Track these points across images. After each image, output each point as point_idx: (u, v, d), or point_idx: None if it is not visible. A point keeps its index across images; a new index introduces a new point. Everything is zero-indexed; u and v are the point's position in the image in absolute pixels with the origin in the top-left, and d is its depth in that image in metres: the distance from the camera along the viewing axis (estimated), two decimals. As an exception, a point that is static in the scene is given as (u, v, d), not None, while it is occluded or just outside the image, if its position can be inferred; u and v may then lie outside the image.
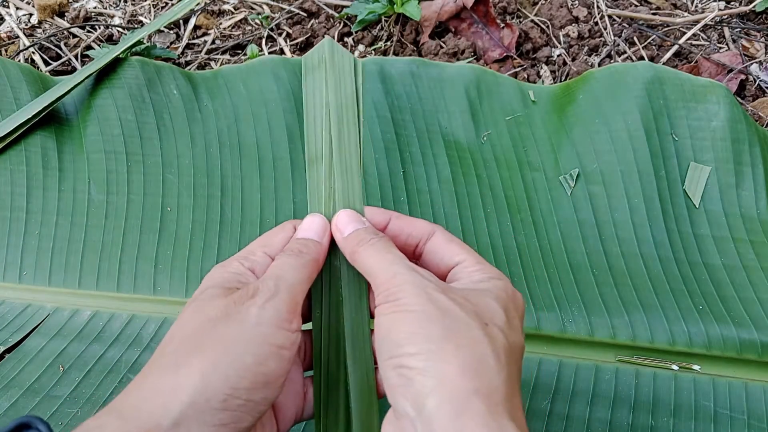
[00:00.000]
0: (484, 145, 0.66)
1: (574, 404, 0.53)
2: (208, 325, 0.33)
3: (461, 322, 0.32)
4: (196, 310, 0.35)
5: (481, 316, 0.33)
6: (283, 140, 0.66)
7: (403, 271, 0.35)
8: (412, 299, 0.33)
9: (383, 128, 0.66)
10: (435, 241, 0.39)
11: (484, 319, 0.33)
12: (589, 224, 0.62)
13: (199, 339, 0.33)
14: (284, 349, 0.33)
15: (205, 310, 0.34)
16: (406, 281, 0.34)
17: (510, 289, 0.36)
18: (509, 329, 0.34)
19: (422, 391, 0.29)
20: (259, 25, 0.92)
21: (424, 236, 0.40)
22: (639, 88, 0.65)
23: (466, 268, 0.37)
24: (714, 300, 0.57)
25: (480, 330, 0.32)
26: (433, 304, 0.32)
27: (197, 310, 0.35)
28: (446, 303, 0.32)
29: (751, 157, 0.63)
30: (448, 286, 0.35)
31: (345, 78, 0.41)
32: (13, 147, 0.66)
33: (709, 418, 0.52)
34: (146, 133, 0.67)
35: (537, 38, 0.86)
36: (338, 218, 0.40)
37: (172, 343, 0.34)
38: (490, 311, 0.34)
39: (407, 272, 0.34)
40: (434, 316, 0.32)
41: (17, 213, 0.64)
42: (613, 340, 0.56)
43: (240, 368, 0.32)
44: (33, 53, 0.87)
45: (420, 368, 0.30)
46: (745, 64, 0.82)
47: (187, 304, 0.36)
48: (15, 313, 0.60)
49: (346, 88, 0.40)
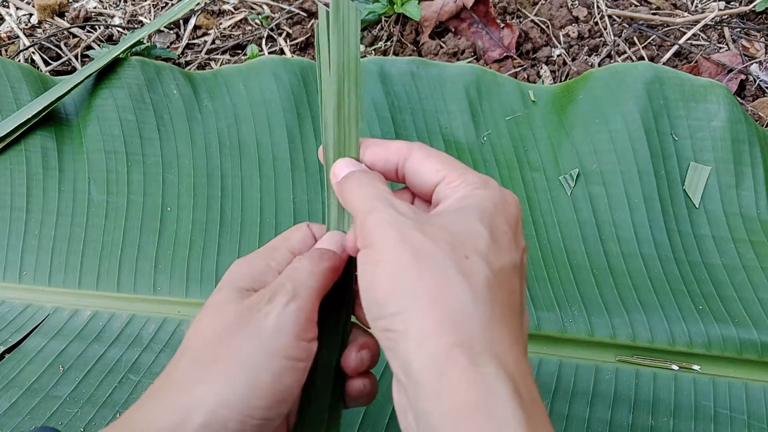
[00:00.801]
0: (484, 145, 0.66)
1: (574, 404, 0.53)
2: (224, 334, 0.33)
3: (436, 263, 0.29)
4: (213, 316, 0.34)
5: (460, 248, 0.30)
6: (283, 140, 0.66)
7: (379, 206, 0.32)
8: (386, 243, 0.30)
9: (383, 128, 0.66)
10: (413, 160, 0.36)
11: (464, 250, 0.30)
12: (589, 224, 0.62)
13: (215, 351, 0.32)
14: (301, 361, 0.32)
15: (222, 316, 0.33)
16: (380, 220, 0.31)
17: (497, 197, 0.33)
18: (496, 251, 0.31)
19: (406, 356, 0.28)
20: (259, 25, 0.92)
21: (401, 158, 0.36)
22: (639, 88, 0.65)
23: (449, 185, 0.34)
24: (714, 300, 0.57)
25: (456, 269, 0.29)
26: (406, 247, 0.30)
27: (214, 315, 0.34)
28: (421, 242, 0.30)
29: (751, 157, 0.63)
30: (427, 217, 0.32)
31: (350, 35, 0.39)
32: (13, 147, 0.66)
33: (709, 418, 0.52)
34: (146, 133, 0.67)
35: (537, 38, 0.86)
36: (335, 166, 0.38)
37: (188, 353, 0.33)
38: (472, 236, 0.31)
39: (384, 209, 0.32)
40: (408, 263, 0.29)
41: (17, 213, 0.64)
42: (613, 340, 0.56)
43: (257, 387, 0.31)
44: (33, 53, 0.87)
45: (401, 330, 0.28)
46: (745, 64, 0.82)
47: (204, 306, 0.35)
48: (15, 313, 0.60)
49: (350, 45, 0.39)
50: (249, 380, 0.31)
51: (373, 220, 0.31)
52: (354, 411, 0.52)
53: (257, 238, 0.62)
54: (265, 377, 0.31)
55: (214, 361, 0.32)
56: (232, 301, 0.34)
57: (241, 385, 0.31)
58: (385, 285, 0.30)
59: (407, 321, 0.28)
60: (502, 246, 0.31)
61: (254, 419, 0.31)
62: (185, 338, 0.34)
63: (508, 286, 0.31)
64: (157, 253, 0.62)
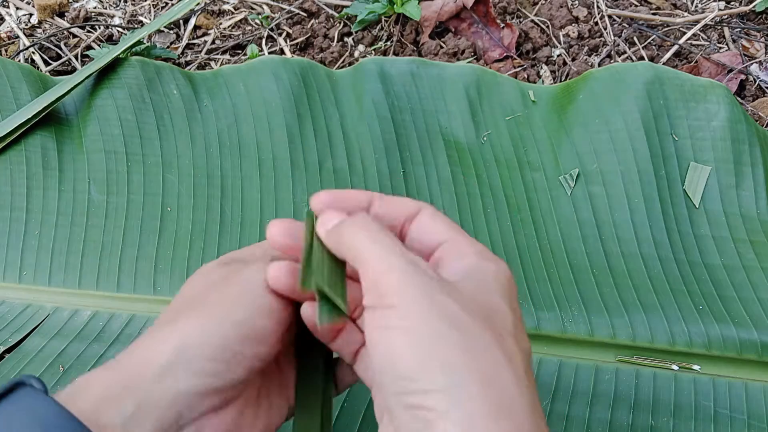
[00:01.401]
0: (484, 145, 0.66)
1: (574, 404, 0.53)
2: (204, 288, 0.35)
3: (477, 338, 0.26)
4: (198, 276, 0.36)
5: (493, 324, 0.28)
6: (283, 140, 0.66)
7: (399, 263, 0.28)
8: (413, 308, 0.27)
9: (383, 128, 0.66)
10: (419, 220, 0.34)
11: (497, 327, 0.28)
12: (589, 224, 0.62)
13: (195, 298, 0.34)
14: (274, 310, 0.33)
15: (206, 276, 0.36)
16: (403, 281, 0.28)
17: (509, 274, 0.31)
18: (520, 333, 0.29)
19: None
20: (259, 25, 0.92)
21: (409, 216, 0.34)
22: (639, 88, 0.65)
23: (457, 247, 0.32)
24: (714, 300, 0.57)
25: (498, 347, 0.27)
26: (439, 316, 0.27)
27: (199, 276, 0.36)
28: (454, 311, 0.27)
29: (751, 157, 0.63)
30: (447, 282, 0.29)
31: None
32: (13, 147, 0.66)
33: (709, 418, 0.52)
34: (146, 133, 0.67)
35: (537, 38, 0.86)
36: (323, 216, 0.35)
37: (172, 305, 0.35)
38: (500, 314, 0.29)
39: (406, 266, 0.28)
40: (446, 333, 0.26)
41: (17, 213, 0.64)
42: (613, 340, 0.56)
43: (229, 323, 0.32)
44: (33, 53, 0.87)
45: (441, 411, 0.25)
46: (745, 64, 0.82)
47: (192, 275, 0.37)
48: (15, 313, 0.60)
49: None
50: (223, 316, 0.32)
51: (395, 279, 0.28)
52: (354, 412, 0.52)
53: (257, 238, 0.62)
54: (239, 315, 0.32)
55: (192, 304, 0.34)
56: (218, 266, 0.36)
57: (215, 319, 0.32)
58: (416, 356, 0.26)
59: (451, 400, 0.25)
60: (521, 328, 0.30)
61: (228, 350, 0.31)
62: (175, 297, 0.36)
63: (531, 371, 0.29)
64: (157, 253, 0.62)
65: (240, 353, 0.32)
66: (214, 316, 0.32)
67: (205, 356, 0.31)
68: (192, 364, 0.30)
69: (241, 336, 0.32)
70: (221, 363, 0.31)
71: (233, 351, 0.31)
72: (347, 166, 0.65)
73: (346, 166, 0.65)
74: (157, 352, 0.31)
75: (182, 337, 0.31)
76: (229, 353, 0.31)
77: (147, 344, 0.32)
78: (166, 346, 0.31)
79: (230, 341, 0.31)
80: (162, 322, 0.34)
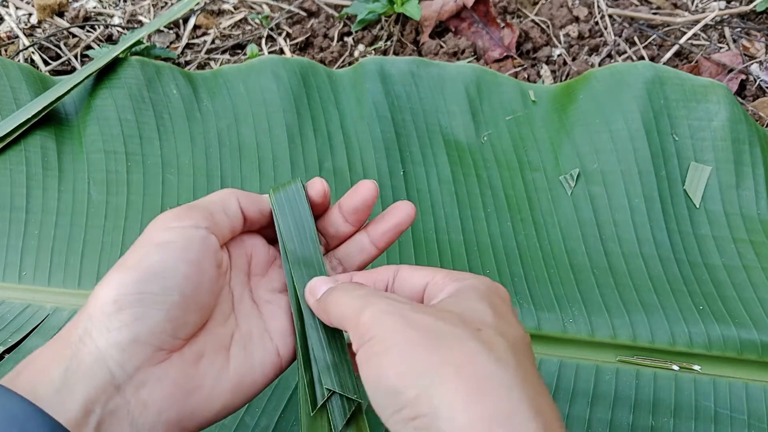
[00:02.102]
0: (484, 145, 0.66)
1: (574, 404, 0.53)
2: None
3: (450, 336, 0.28)
4: None
5: (469, 322, 0.29)
6: (283, 140, 0.66)
7: (372, 300, 0.30)
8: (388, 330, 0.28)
9: (383, 128, 0.66)
10: (401, 275, 0.36)
11: (473, 323, 0.29)
12: (590, 224, 0.62)
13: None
14: (170, 242, 0.33)
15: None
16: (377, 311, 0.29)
17: (489, 282, 0.33)
18: (504, 324, 0.30)
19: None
20: (258, 24, 0.92)
21: (390, 277, 0.36)
22: (639, 87, 0.65)
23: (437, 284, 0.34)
24: (714, 300, 0.57)
25: (474, 339, 0.28)
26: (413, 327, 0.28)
27: None
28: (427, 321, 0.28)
29: (752, 157, 0.63)
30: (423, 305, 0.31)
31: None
32: (13, 147, 0.66)
33: (709, 418, 0.52)
34: (146, 133, 0.67)
35: (537, 38, 0.86)
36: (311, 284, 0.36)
37: None
38: (477, 313, 0.30)
39: (377, 300, 0.30)
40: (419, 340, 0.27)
41: (17, 213, 0.64)
42: (613, 340, 0.56)
43: (122, 273, 0.32)
44: (33, 53, 0.86)
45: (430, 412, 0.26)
46: (745, 64, 0.82)
47: None
48: (15, 313, 0.60)
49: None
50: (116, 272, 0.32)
51: (369, 313, 0.30)
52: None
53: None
54: (129, 262, 0.32)
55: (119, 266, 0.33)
56: None
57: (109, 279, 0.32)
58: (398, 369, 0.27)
59: (433, 398, 0.26)
60: (508, 321, 0.31)
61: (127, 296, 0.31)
62: None
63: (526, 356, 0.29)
64: (156, 253, 0.62)
65: (143, 291, 0.31)
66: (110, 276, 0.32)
67: (109, 308, 0.31)
68: (102, 321, 0.31)
69: (137, 276, 0.31)
70: (127, 311, 0.31)
71: (134, 293, 0.31)
72: (347, 166, 0.65)
73: (346, 166, 0.65)
74: (78, 319, 0.32)
75: (86, 308, 0.32)
76: (130, 298, 0.31)
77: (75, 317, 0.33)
78: (78, 323, 0.31)
79: (127, 285, 0.31)
80: None
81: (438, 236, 0.62)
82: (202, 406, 0.33)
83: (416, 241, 0.61)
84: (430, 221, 0.62)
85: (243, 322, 0.37)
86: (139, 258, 0.32)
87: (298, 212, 0.39)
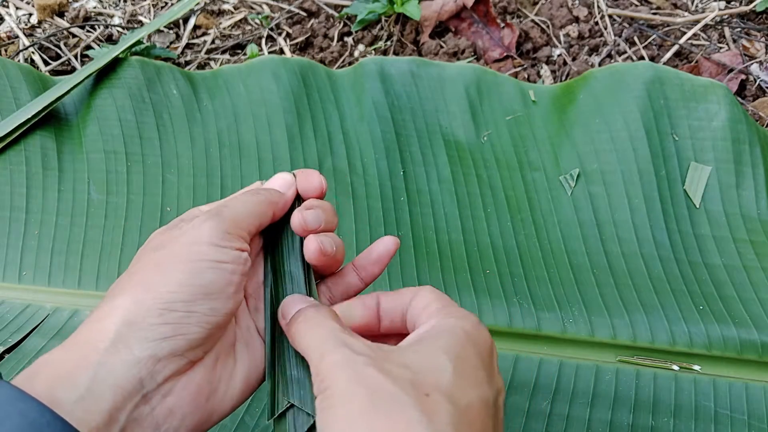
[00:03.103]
0: (484, 145, 0.66)
1: (574, 405, 0.53)
2: (146, 256, 0.34)
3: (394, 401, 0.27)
4: (143, 248, 0.35)
5: (421, 385, 0.28)
6: (283, 140, 0.66)
7: (330, 348, 0.30)
8: (340, 385, 0.28)
9: (383, 128, 0.66)
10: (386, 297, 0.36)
11: (425, 387, 0.28)
12: (590, 224, 0.62)
13: (137, 268, 0.33)
14: (223, 263, 0.33)
15: (149, 245, 0.35)
16: (332, 363, 0.29)
17: (470, 327, 0.32)
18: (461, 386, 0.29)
19: None
20: (258, 24, 0.92)
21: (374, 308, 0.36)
22: (639, 88, 0.65)
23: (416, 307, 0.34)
24: (714, 300, 0.57)
25: (416, 408, 0.27)
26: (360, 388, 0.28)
27: (144, 247, 0.35)
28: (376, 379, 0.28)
29: (752, 157, 0.63)
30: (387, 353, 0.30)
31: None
32: (13, 147, 0.66)
33: (709, 418, 0.52)
34: (146, 133, 0.67)
35: (537, 38, 0.86)
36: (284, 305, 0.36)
37: (121, 278, 0.34)
38: (435, 372, 0.29)
39: (335, 349, 0.30)
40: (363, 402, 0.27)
41: (17, 213, 0.64)
42: (613, 340, 0.56)
43: (172, 284, 0.31)
44: (33, 53, 0.86)
45: None
46: (745, 64, 0.82)
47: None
48: (15, 313, 0.60)
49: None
50: (164, 280, 0.32)
51: (327, 363, 0.30)
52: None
53: (257, 238, 0.62)
54: (180, 276, 0.32)
55: (134, 274, 0.33)
56: (160, 232, 0.36)
57: (155, 285, 0.31)
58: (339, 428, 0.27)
59: None
60: (469, 380, 0.29)
61: (176, 312, 0.31)
62: None
63: (479, 426, 0.28)
64: (156, 253, 0.62)
65: (191, 312, 0.31)
66: (157, 278, 0.32)
67: (154, 320, 0.31)
68: (143, 331, 0.30)
69: (189, 294, 0.31)
70: (172, 325, 0.31)
71: (183, 311, 0.31)
72: (347, 166, 0.65)
73: (346, 166, 0.65)
74: (107, 324, 0.31)
75: (129, 305, 0.31)
76: (178, 313, 0.31)
77: (95, 317, 0.32)
78: (114, 317, 0.31)
79: (177, 302, 0.31)
80: (108, 296, 0.33)
81: (438, 236, 0.62)
82: (219, 407, 0.34)
83: (416, 241, 0.61)
84: (430, 221, 0.62)
85: (241, 318, 0.37)
86: (190, 272, 0.32)
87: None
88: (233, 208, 0.35)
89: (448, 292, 0.58)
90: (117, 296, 0.32)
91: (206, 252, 0.33)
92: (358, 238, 0.61)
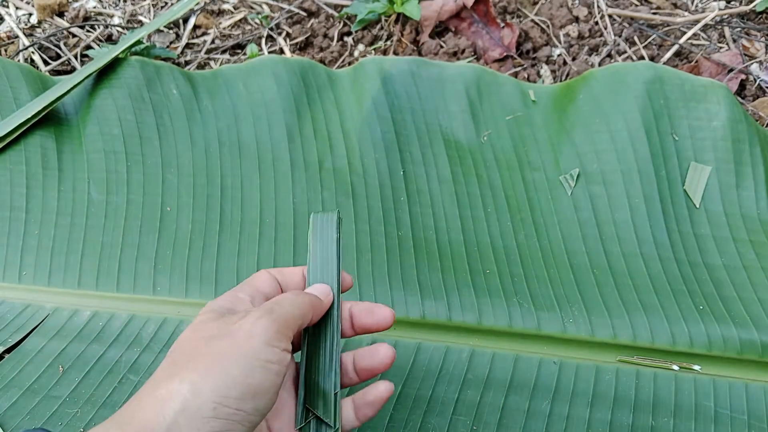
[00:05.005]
0: (484, 145, 0.66)
1: (574, 405, 0.53)
2: (202, 342, 0.35)
3: None
4: (193, 331, 0.37)
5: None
6: (283, 140, 0.66)
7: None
8: None
9: (383, 128, 0.66)
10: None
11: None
12: (590, 224, 0.62)
13: (193, 354, 0.35)
14: (271, 363, 0.35)
15: (201, 331, 0.37)
16: None
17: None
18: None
19: None
20: (258, 24, 0.92)
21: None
22: (639, 87, 0.65)
23: None
24: (715, 300, 0.57)
25: None
26: None
27: (194, 330, 0.37)
28: None
29: (752, 157, 0.63)
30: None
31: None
32: (13, 147, 0.66)
33: (709, 418, 0.52)
34: (146, 133, 0.67)
35: (537, 38, 0.86)
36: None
37: (170, 359, 0.36)
38: None
39: None
40: None
41: (17, 213, 0.64)
42: (613, 340, 0.56)
43: (228, 379, 0.33)
44: (33, 53, 0.86)
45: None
46: (745, 63, 0.82)
47: (186, 328, 0.38)
48: (15, 313, 0.60)
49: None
50: (220, 372, 0.33)
51: None
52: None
53: (257, 238, 0.62)
54: (235, 371, 0.34)
55: (191, 360, 0.35)
56: (211, 319, 0.37)
57: (212, 377, 0.33)
58: None
59: None
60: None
61: (228, 408, 0.33)
62: (168, 351, 0.37)
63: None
64: (156, 253, 0.62)
65: (240, 409, 0.33)
66: (213, 373, 0.33)
67: (207, 413, 0.32)
68: (196, 422, 0.32)
69: (240, 392, 0.33)
70: (222, 420, 0.32)
71: (233, 408, 0.33)
72: (347, 166, 0.65)
73: (346, 166, 0.65)
74: (161, 410, 0.32)
75: (187, 394, 0.32)
76: (229, 410, 0.33)
77: (149, 402, 0.33)
78: (169, 405, 0.32)
79: (230, 398, 0.33)
80: (160, 378, 0.34)
81: (438, 236, 0.62)
82: None
83: (416, 241, 0.61)
84: (430, 221, 0.62)
85: None
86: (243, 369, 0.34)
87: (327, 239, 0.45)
88: (284, 307, 0.38)
89: (448, 292, 0.58)
90: (179, 376, 0.33)
91: (259, 350, 0.35)
92: (358, 239, 0.61)
